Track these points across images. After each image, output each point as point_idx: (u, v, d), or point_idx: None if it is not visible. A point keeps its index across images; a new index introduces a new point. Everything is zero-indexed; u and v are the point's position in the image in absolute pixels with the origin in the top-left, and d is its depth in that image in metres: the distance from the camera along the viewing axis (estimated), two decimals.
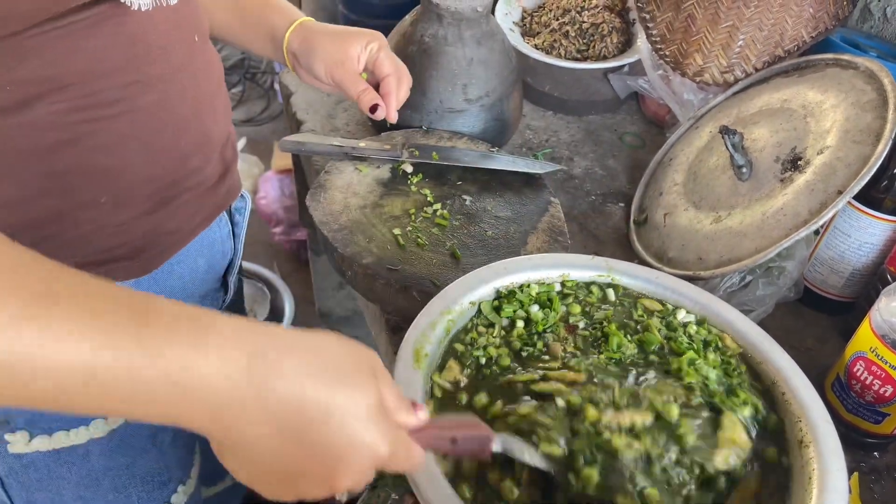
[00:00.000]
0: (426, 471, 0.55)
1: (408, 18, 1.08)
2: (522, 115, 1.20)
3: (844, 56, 0.96)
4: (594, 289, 0.77)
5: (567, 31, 1.27)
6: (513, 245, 0.90)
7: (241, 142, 2.56)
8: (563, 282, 0.77)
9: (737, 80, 1.09)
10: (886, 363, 0.74)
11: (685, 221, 0.97)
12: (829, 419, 0.63)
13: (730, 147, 0.93)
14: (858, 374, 0.77)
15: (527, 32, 1.32)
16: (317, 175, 1.00)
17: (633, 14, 1.29)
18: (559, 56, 1.26)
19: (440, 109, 1.05)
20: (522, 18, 1.35)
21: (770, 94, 1.01)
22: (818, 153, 0.87)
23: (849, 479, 0.60)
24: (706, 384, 0.64)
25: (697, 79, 1.12)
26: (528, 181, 1.01)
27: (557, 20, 1.29)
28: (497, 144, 1.08)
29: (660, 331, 0.71)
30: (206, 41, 0.76)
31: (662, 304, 0.76)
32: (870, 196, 0.86)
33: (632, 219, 1.07)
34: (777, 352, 0.70)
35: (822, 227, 0.92)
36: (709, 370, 0.65)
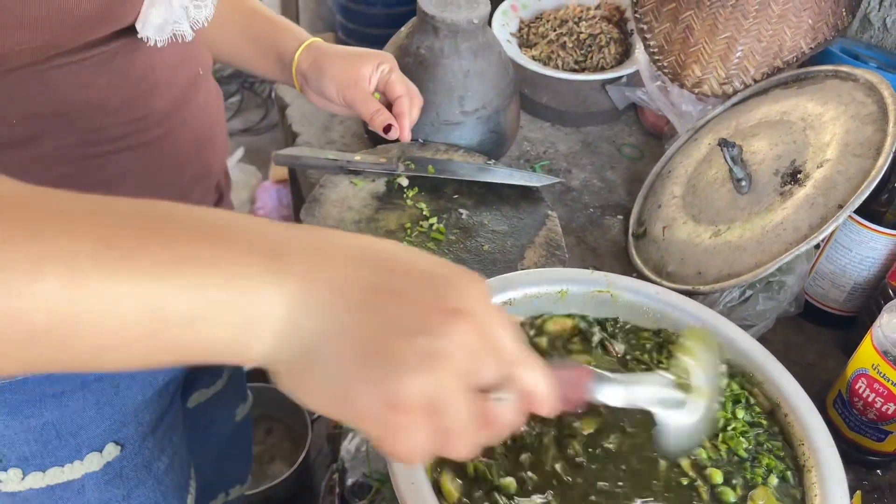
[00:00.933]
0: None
1: (403, 30, 1.07)
2: (520, 127, 1.19)
3: (844, 67, 0.95)
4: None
5: (564, 43, 1.26)
6: (510, 260, 0.89)
7: (239, 151, 2.55)
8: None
9: (735, 92, 1.08)
10: (889, 380, 0.73)
11: (684, 235, 0.96)
12: (832, 443, 0.62)
13: (729, 160, 0.92)
14: (860, 392, 0.76)
15: (524, 43, 1.31)
16: (312, 188, 1.00)
17: (631, 25, 1.28)
18: (557, 67, 1.25)
19: (436, 122, 1.04)
20: (519, 29, 1.34)
21: (769, 106, 1.00)
22: (818, 166, 0.87)
23: (851, 499, 0.59)
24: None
25: (696, 90, 1.11)
26: (526, 194, 1.00)
27: (555, 31, 1.28)
28: (494, 157, 1.08)
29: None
30: (209, 74, 0.76)
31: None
32: (871, 210, 0.85)
33: (630, 232, 1.06)
34: (780, 371, 0.69)
35: (823, 241, 0.91)
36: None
